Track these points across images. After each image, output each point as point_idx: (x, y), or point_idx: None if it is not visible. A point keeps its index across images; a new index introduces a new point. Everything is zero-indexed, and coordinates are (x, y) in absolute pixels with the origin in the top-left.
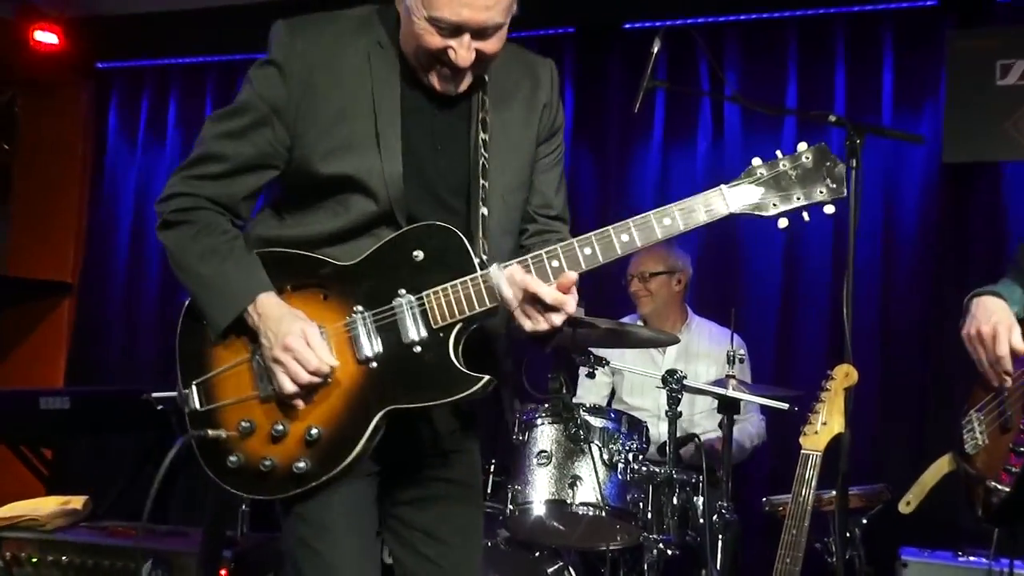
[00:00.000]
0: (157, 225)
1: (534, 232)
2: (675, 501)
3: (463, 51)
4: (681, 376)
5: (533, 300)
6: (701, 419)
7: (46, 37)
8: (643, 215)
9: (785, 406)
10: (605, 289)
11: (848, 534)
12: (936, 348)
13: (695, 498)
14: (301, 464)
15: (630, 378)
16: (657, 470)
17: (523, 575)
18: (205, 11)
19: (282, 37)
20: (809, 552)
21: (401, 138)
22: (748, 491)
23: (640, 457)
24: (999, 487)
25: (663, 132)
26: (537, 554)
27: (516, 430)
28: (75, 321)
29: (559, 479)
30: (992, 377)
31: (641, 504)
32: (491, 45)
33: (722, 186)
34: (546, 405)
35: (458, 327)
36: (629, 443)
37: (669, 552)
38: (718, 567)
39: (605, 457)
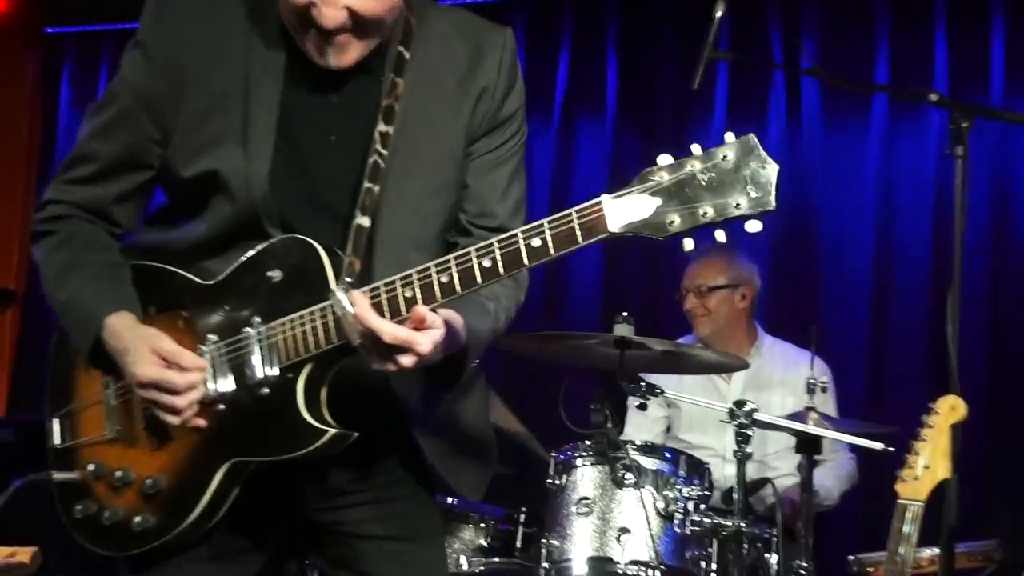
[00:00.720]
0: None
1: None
2: (744, 560)
3: (328, 9)
4: (751, 409)
5: (373, 337)
6: (775, 460)
7: None
8: (510, 234)
9: (879, 446)
10: (659, 303)
11: None
12: None
13: (768, 556)
14: (138, 519)
15: (689, 411)
16: (722, 522)
17: None
18: None
19: (150, 11)
20: None
21: (278, 129)
22: (832, 548)
23: (702, 506)
24: None
25: (725, 113)
26: None
27: (552, 472)
28: (19, 335)
29: (603, 532)
30: None
31: (703, 563)
32: (365, 3)
33: (604, 196)
34: (588, 442)
35: (309, 366)
36: (688, 489)
37: None
38: None
39: (660, 506)
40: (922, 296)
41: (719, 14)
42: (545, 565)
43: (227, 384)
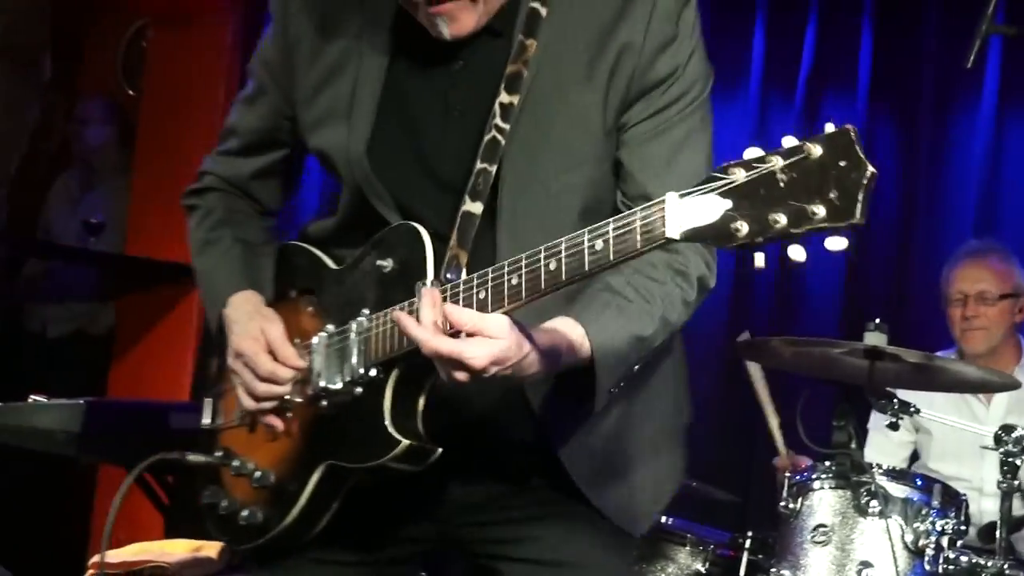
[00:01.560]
0: None
1: None
2: None
3: None
4: (1020, 435)
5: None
6: None
7: None
8: (576, 234)
9: None
10: (912, 315)
11: None
12: None
13: None
14: (245, 512)
15: (941, 438)
16: (980, 561)
17: None
18: None
19: None
20: None
21: (388, 104)
22: None
23: (957, 542)
24: None
25: (996, 98)
26: None
27: (786, 495)
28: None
29: (842, 564)
30: None
31: None
32: None
33: (670, 195)
34: (828, 463)
35: (399, 368)
36: (942, 522)
37: None
38: None
39: (908, 539)
40: None
41: None
42: None
43: (331, 379)
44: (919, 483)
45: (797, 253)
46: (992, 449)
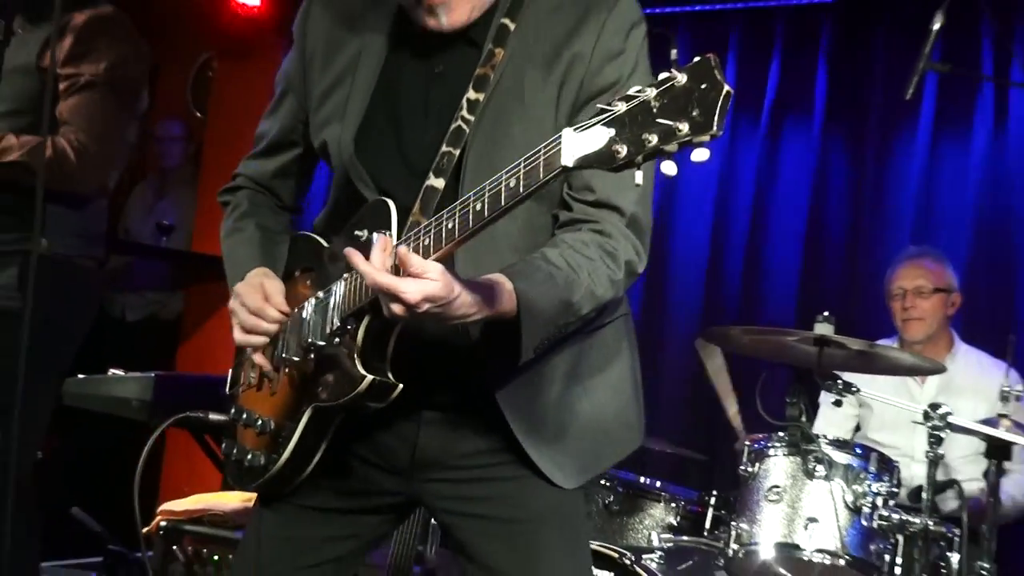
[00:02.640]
0: None
1: (564, 222)
2: (927, 556)
3: None
4: (947, 412)
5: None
6: (962, 464)
7: None
8: (497, 175)
9: None
10: (856, 304)
11: None
12: None
13: (950, 555)
14: (250, 456)
15: (880, 413)
16: (910, 519)
17: None
18: None
19: (301, 7)
20: None
21: (378, 98)
22: (1016, 554)
23: (890, 502)
24: None
25: (932, 121)
26: None
27: (745, 460)
28: None
29: (792, 519)
30: None
31: (887, 556)
32: None
33: (566, 130)
34: (782, 434)
35: (368, 317)
36: (878, 485)
37: None
38: None
39: (848, 499)
40: None
41: (937, 26)
42: (734, 547)
43: (316, 334)
44: (859, 451)
45: (669, 168)
46: (921, 424)
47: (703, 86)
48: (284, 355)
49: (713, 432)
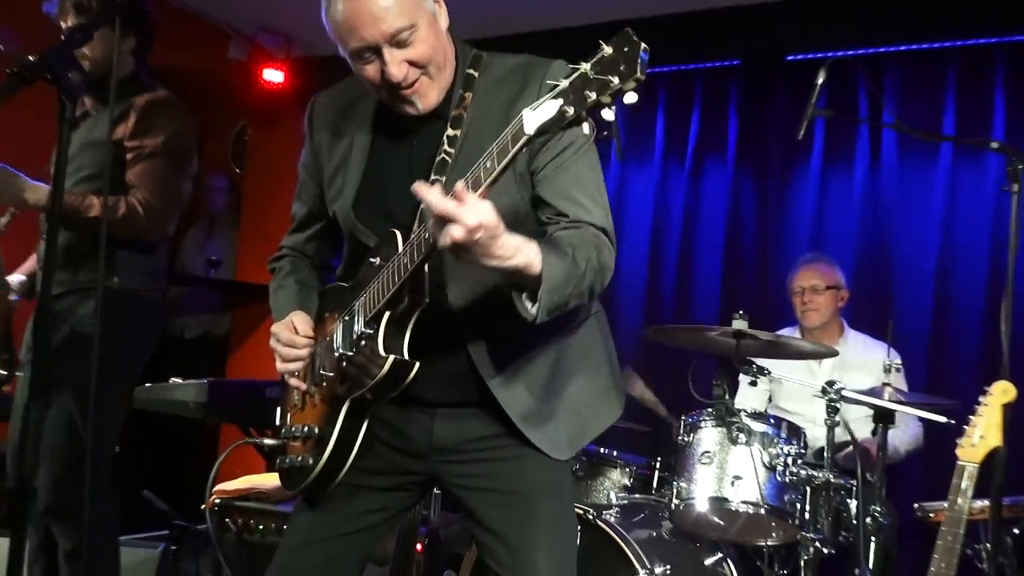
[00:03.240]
0: None
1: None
2: (830, 503)
3: (393, 67)
4: (840, 387)
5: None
6: (856, 426)
7: (273, 75)
8: (478, 162)
9: (942, 419)
10: (768, 306)
11: (1001, 543)
12: None
13: (849, 501)
14: (299, 458)
15: (787, 386)
16: (814, 473)
17: (684, 564)
18: None
19: (308, 109)
20: (960, 557)
21: (367, 171)
22: (902, 498)
23: (798, 461)
24: None
25: (822, 158)
26: (698, 545)
27: (681, 432)
28: None
29: (721, 478)
30: None
31: (798, 504)
32: (417, 50)
33: (525, 110)
34: (710, 409)
35: (387, 314)
36: (788, 447)
37: (824, 551)
38: (870, 567)
39: (765, 459)
40: (976, 303)
41: (820, 80)
42: (676, 501)
43: (345, 346)
44: (772, 421)
45: (608, 114)
46: (820, 396)
47: (625, 49)
48: (321, 372)
49: (651, 408)
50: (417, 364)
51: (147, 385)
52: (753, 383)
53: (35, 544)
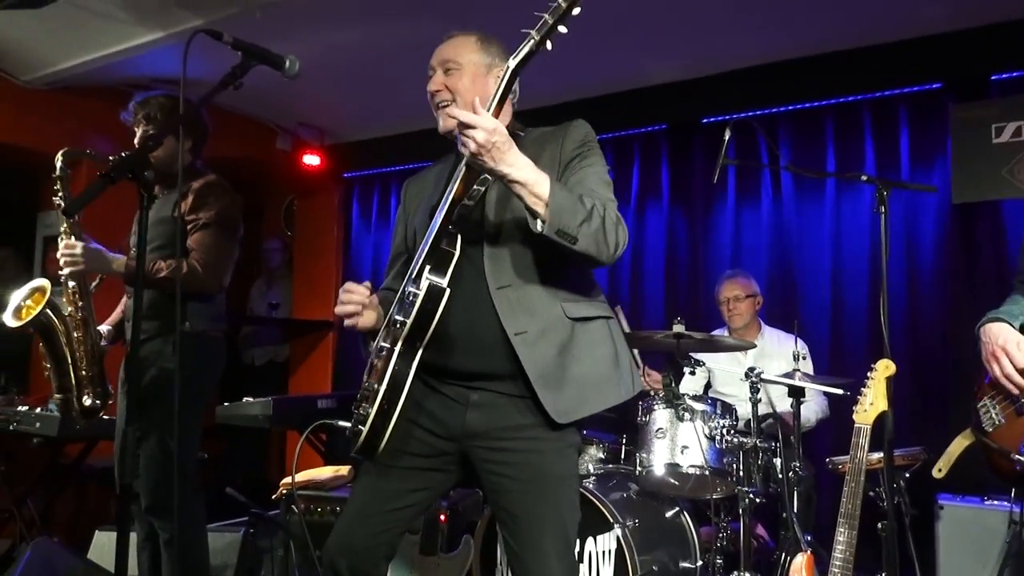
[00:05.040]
0: None
1: None
2: (759, 462)
3: (432, 82)
4: (759, 372)
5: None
6: (776, 401)
7: (312, 159)
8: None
9: (841, 392)
10: (701, 312)
11: (895, 485)
12: (953, 346)
13: (774, 460)
14: (360, 417)
15: (721, 375)
16: (745, 440)
17: (649, 517)
18: (416, 133)
19: (406, 180)
20: (864, 499)
21: (431, 209)
22: (816, 455)
23: (732, 431)
24: (1021, 458)
25: (735, 196)
26: (659, 502)
27: (640, 414)
28: (336, 347)
29: (672, 448)
30: (1010, 388)
31: (734, 465)
32: (452, 80)
33: (510, 60)
34: (661, 395)
35: (428, 267)
36: (723, 421)
37: (758, 500)
38: (795, 510)
39: (706, 432)
40: (863, 301)
41: (727, 136)
42: (639, 469)
43: (397, 303)
44: (709, 401)
45: (563, 29)
46: (745, 380)
47: None
48: (392, 316)
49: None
50: (448, 290)
51: (226, 404)
52: (692, 372)
53: (142, 536)
